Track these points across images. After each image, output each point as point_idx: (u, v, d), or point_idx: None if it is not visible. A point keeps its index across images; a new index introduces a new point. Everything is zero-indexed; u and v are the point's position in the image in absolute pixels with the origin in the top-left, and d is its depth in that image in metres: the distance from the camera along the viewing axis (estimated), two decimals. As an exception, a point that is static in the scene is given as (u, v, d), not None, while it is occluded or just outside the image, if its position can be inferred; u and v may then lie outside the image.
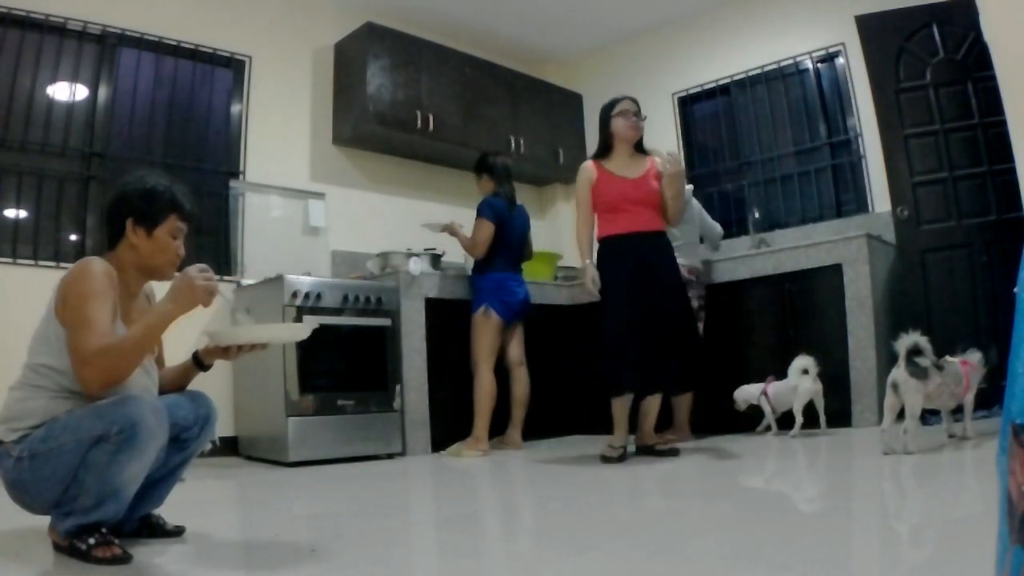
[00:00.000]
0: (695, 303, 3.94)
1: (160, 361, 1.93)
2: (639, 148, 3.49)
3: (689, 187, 4.45)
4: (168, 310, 1.64)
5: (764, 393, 3.85)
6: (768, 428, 3.92)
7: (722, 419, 4.17)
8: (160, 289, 1.93)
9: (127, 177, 1.83)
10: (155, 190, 1.77)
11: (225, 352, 1.82)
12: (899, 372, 2.77)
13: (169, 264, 1.79)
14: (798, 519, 1.84)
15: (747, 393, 3.92)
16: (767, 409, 3.86)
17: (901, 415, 2.79)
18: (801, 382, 3.70)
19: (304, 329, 1.83)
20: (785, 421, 3.85)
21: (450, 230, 4.22)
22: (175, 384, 1.89)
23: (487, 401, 3.99)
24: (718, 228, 4.53)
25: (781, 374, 3.86)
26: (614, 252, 3.36)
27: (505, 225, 4.09)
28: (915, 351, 2.76)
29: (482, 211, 4.08)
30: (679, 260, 4.20)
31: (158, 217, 1.75)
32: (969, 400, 2.93)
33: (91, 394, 1.58)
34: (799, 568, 1.36)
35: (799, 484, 2.33)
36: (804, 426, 3.76)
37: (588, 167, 3.47)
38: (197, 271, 1.67)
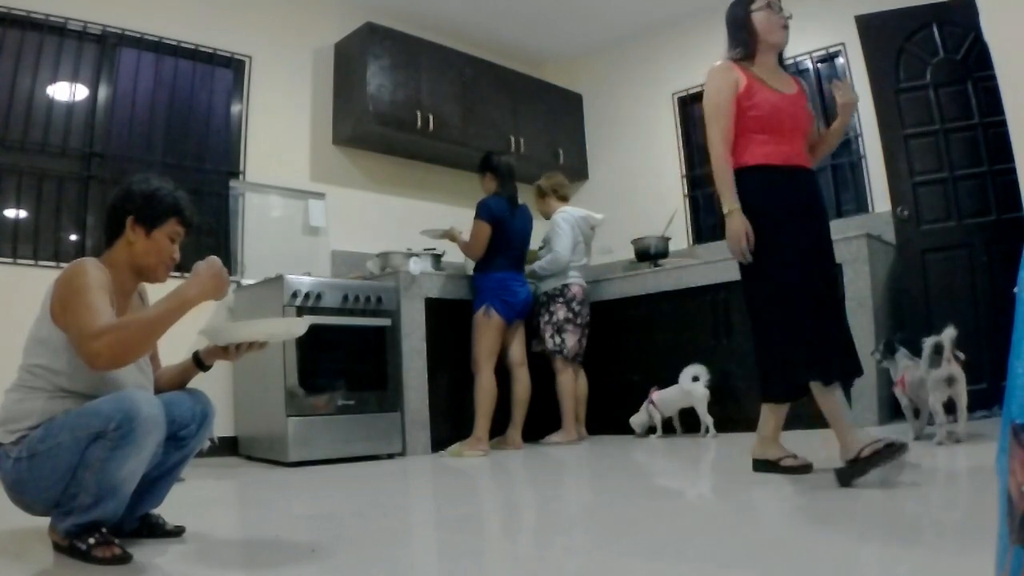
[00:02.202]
0: (583, 320, 4.39)
1: (155, 359, 1.93)
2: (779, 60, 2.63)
3: (599, 216, 4.51)
4: (190, 297, 1.62)
5: (650, 402, 4.27)
6: (653, 431, 4.32)
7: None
8: (153, 291, 1.93)
9: (133, 176, 1.84)
10: (159, 192, 1.79)
11: (226, 352, 1.83)
12: (953, 367, 2.80)
13: (162, 266, 1.80)
14: (798, 519, 1.85)
15: (641, 418, 4.33)
16: (656, 416, 4.26)
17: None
18: (693, 388, 4.07)
19: (301, 324, 1.83)
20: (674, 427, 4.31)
21: (449, 236, 4.24)
22: (174, 384, 1.90)
23: (488, 401, 3.99)
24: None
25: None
26: (778, 188, 2.41)
27: (506, 225, 4.09)
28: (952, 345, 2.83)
29: (479, 212, 4.09)
30: (579, 280, 4.41)
31: (159, 218, 1.77)
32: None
33: (96, 368, 1.56)
34: (799, 568, 1.36)
35: (798, 484, 2.33)
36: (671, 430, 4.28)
37: (731, 67, 2.51)
38: (221, 265, 1.69)
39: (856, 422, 3.79)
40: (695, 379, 4.11)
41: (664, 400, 4.24)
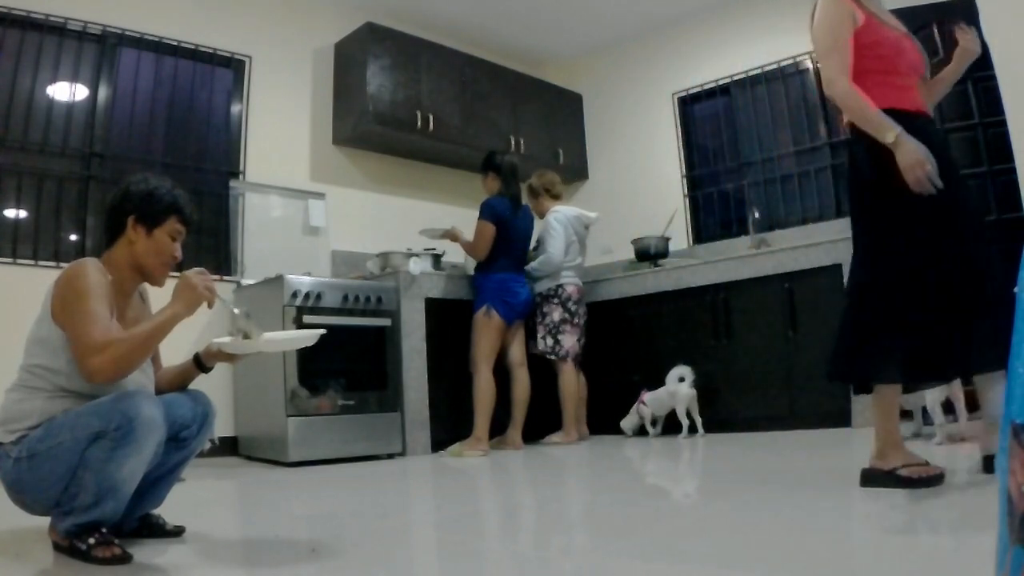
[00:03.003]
0: (580, 320, 4.39)
1: (156, 359, 1.93)
2: None
3: (593, 215, 4.48)
4: (176, 311, 1.67)
5: (641, 402, 4.35)
6: (645, 431, 4.39)
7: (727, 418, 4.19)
8: (152, 290, 1.93)
9: (132, 176, 1.85)
10: (158, 191, 1.79)
11: (228, 356, 1.83)
12: None
13: (163, 265, 1.81)
14: (797, 519, 1.84)
15: (631, 420, 4.43)
16: (646, 416, 4.33)
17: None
18: (679, 389, 4.15)
19: (311, 336, 1.84)
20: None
21: (450, 236, 4.24)
22: (175, 385, 1.90)
23: (487, 401, 3.99)
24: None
25: (774, 374, 3.89)
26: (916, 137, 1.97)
27: (507, 225, 4.09)
28: None
29: (482, 213, 4.09)
30: (575, 280, 4.37)
31: (159, 217, 1.77)
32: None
33: (95, 383, 1.58)
34: (798, 568, 1.36)
35: (798, 484, 2.33)
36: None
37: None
38: (194, 273, 1.71)
39: (856, 422, 3.80)
40: (681, 380, 4.18)
41: (655, 401, 4.32)
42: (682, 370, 4.19)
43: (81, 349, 1.57)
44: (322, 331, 1.87)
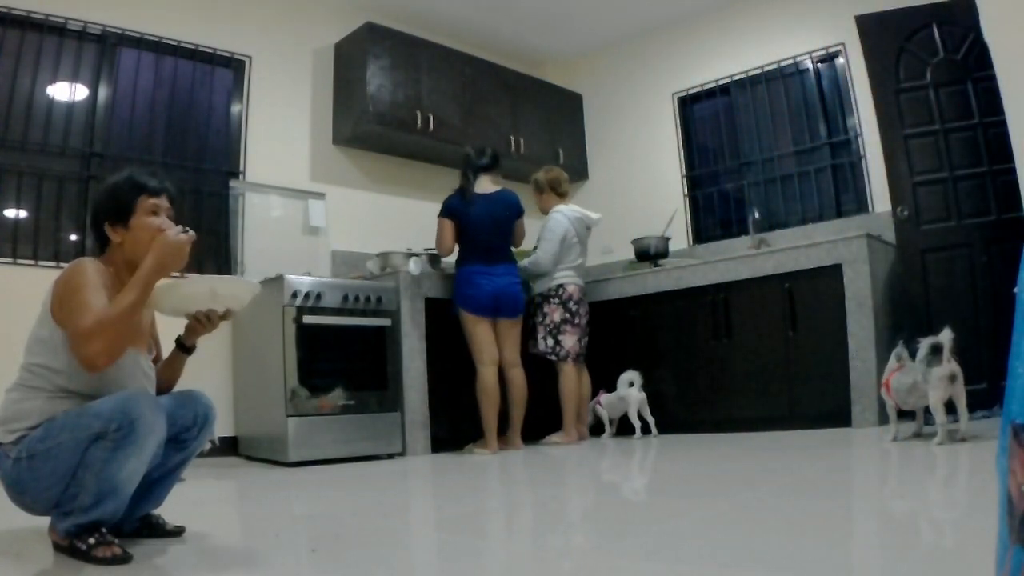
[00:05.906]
0: (581, 320, 4.38)
1: (158, 351, 1.93)
2: None
3: (595, 216, 4.45)
4: (148, 274, 1.63)
5: (597, 403, 4.51)
6: (603, 431, 4.55)
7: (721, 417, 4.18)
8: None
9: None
10: (115, 184, 1.78)
11: (199, 325, 1.82)
12: (954, 366, 2.87)
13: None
14: (797, 519, 1.84)
15: (589, 417, 4.56)
16: (603, 417, 4.51)
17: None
18: (629, 393, 4.30)
19: (248, 286, 1.84)
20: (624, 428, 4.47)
21: None
22: (167, 375, 1.91)
23: (484, 401, 3.99)
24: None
25: (774, 374, 3.90)
26: None
27: (459, 217, 4.06)
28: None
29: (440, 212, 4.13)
30: (576, 280, 4.36)
31: (127, 207, 1.75)
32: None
33: (98, 370, 1.57)
34: (798, 568, 1.36)
35: (798, 484, 2.33)
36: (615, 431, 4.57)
37: None
38: (171, 228, 1.69)
39: (856, 423, 3.80)
40: (631, 384, 4.30)
41: (608, 404, 4.46)
42: (631, 375, 4.33)
43: (76, 341, 1.56)
44: (258, 284, 1.88)
